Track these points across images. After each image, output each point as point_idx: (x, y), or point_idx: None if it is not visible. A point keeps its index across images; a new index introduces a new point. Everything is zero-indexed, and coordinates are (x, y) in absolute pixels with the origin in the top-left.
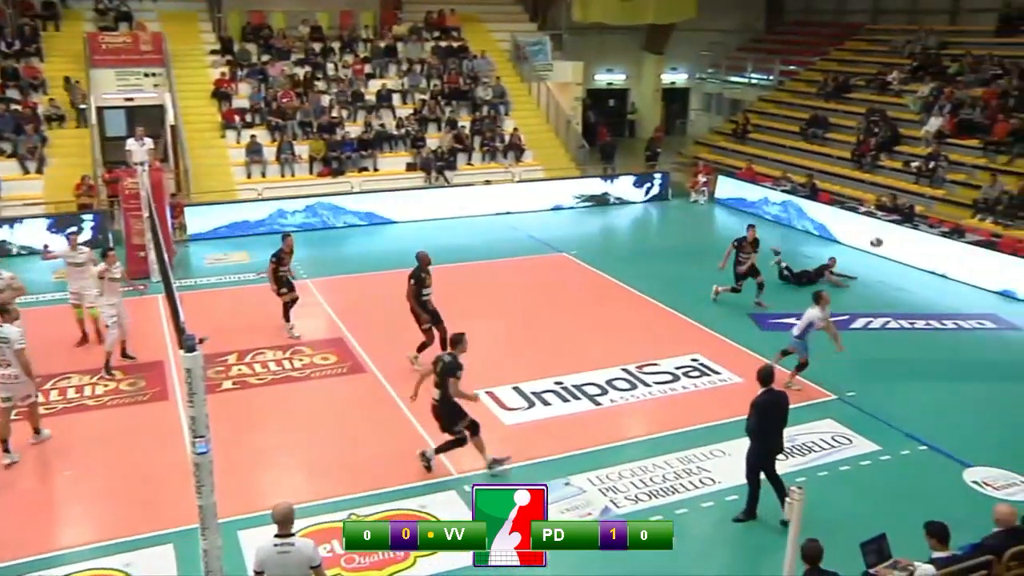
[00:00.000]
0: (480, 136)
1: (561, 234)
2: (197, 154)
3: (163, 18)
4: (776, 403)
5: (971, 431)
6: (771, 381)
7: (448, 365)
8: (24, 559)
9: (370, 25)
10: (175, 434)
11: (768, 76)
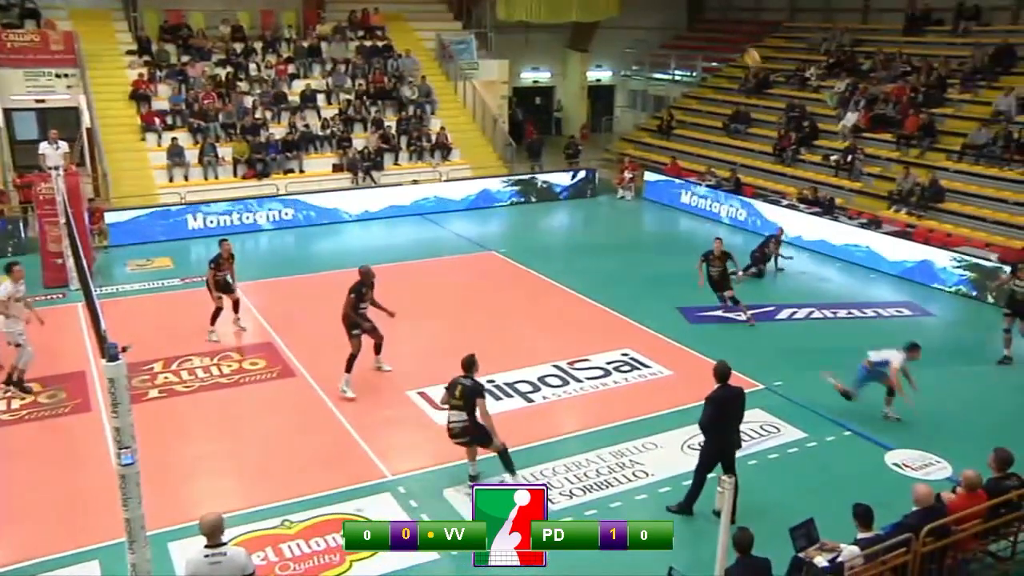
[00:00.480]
0: (407, 136)
1: (489, 232)
2: (116, 157)
3: (74, 16)
4: (733, 398)
5: None
6: (728, 377)
7: (472, 388)
8: None
9: (292, 25)
10: (99, 446)
11: (691, 73)
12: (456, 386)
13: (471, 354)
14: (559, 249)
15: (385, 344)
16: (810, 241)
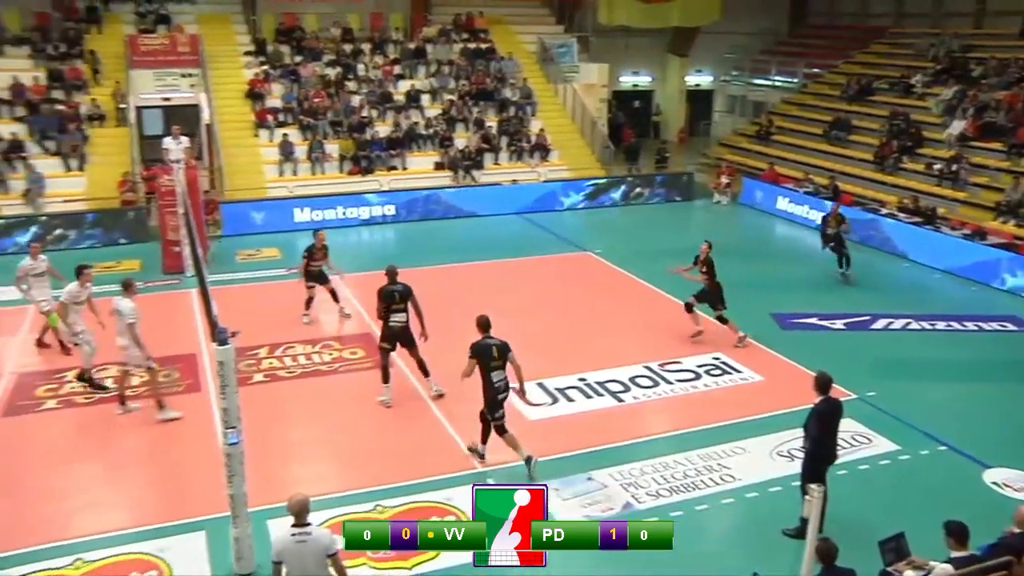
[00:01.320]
0: (507, 136)
1: (585, 233)
2: (231, 152)
3: (200, 20)
4: (836, 411)
5: (992, 432)
6: (830, 388)
7: (505, 344)
8: (60, 542)
9: (400, 27)
10: (207, 425)
11: (792, 78)
12: (491, 348)
13: (485, 315)
14: (653, 251)
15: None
16: (910, 251)
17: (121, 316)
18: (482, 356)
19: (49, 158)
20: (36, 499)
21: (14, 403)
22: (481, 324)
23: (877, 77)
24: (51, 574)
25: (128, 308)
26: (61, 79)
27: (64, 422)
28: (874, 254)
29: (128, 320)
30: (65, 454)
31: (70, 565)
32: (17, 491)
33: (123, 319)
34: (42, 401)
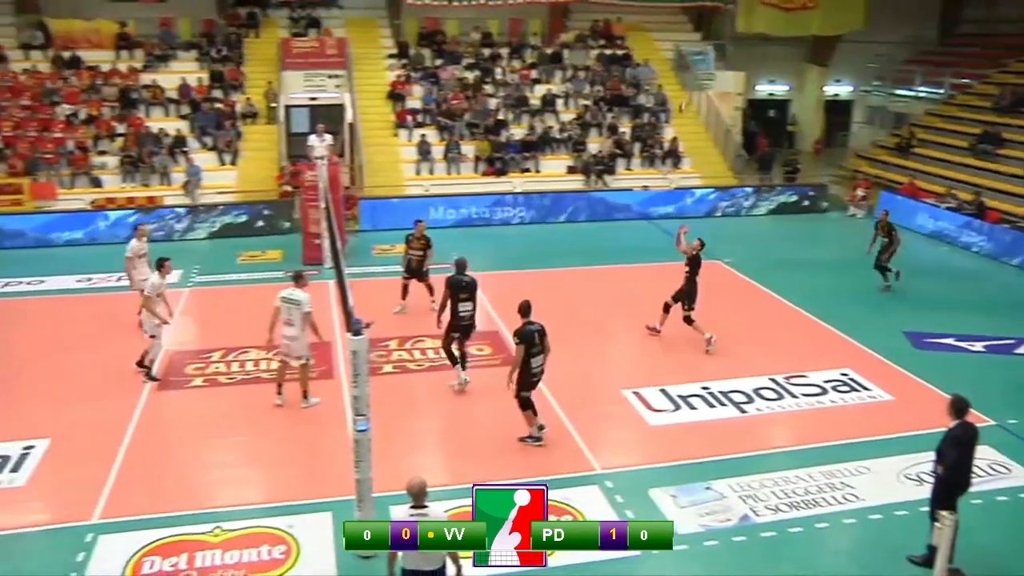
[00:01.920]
0: (640, 142)
1: (715, 241)
2: (371, 151)
3: (348, 24)
4: (973, 437)
5: None
6: (966, 412)
7: (543, 329)
8: (202, 510)
9: (538, 32)
10: (338, 411)
11: (938, 89)
12: (534, 334)
13: (527, 300)
14: (784, 263)
15: (605, 343)
16: None
17: (298, 306)
18: (527, 342)
19: (206, 153)
20: (182, 469)
21: (167, 379)
22: (523, 310)
23: None
24: (192, 538)
25: (305, 298)
26: (221, 80)
27: (209, 400)
28: (1021, 275)
29: (305, 309)
30: (209, 429)
31: (210, 532)
32: (165, 460)
33: (300, 308)
34: (191, 379)
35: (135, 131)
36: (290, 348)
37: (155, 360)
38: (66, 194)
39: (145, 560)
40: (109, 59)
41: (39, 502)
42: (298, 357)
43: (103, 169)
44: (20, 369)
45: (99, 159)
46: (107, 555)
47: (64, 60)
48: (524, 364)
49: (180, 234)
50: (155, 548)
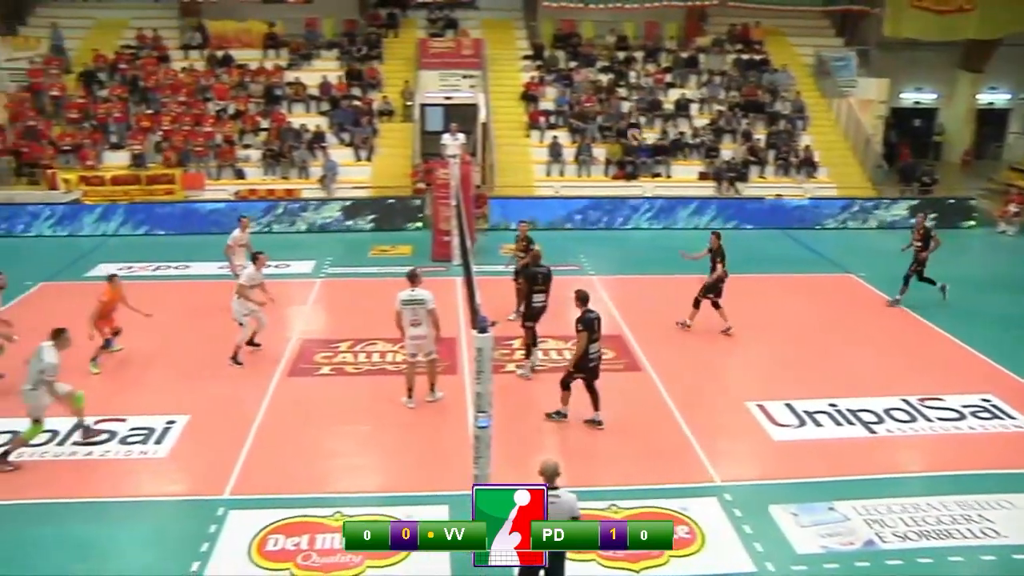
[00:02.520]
0: (775, 150)
1: (848, 254)
2: (503, 151)
3: (484, 25)
4: None
5: None
6: None
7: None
8: (323, 494)
9: (674, 36)
10: (460, 406)
11: None
12: (594, 321)
13: (583, 289)
14: None
15: (729, 353)
16: None
17: (423, 304)
18: (590, 329)
19: (343, 148)
20: (307, 453)
21: (297, 365)
22: (581, 298)
23: None
24: (314, 520)
25: (429, 296)
26: (360, 78)
27: (336, 388)
28: None
29: (429, 307)
30: (334, 417)
31: (330, 516)
32: (292, 444)
33: (424, 306)
34: (320, 366)
35: (278, 126)
36: (419, 347)
37: (240, 346)
38: (213, 185)
39: (270, 537)
40: (257, 58)
41: (178, 473)
42: (427, 353)
43: (247, 162)
44: (166, 349)
45: (243, 152)
46: (236, 529)
47: (217, 59)
48: (583, 350)
49: (315, 226)
50: (280, 527)
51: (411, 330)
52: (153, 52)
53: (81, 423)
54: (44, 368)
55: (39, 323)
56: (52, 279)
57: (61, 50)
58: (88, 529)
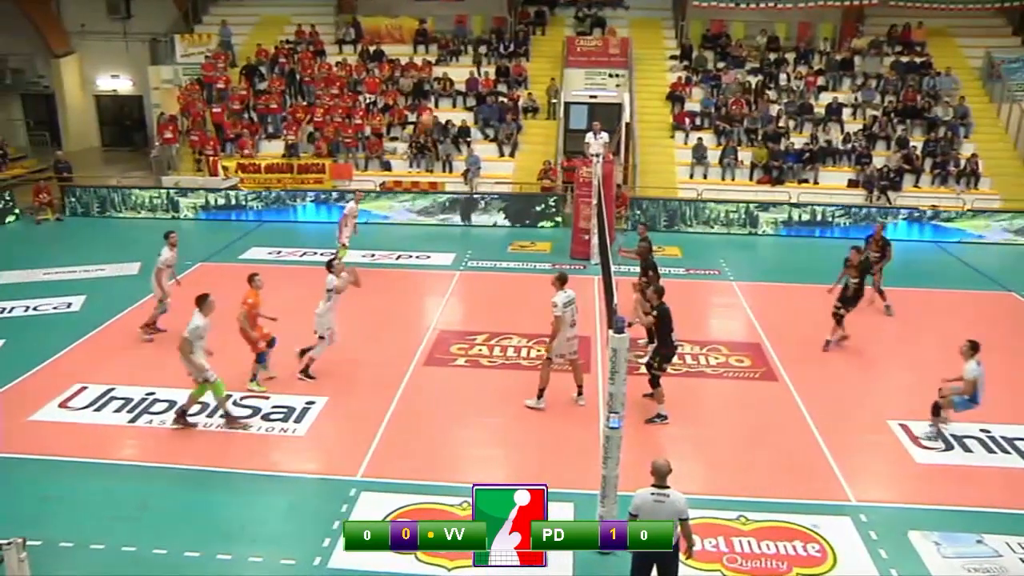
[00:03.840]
0: (932, 158)
1: (1012, 271)
2: (646, 151)
3: (632, 25)
4: None
5: None
6: None
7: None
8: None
9: (829, 37)
10: (591, 406)
11: None
12: (669, 312)
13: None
14: None
15: (872, 368)
16: None
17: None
18: (667, 319)
19: (487, 144)
20: (438, 441)
21: (433, 355)
22: (659, 292)
23: None
24: (441, 508)
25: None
26: (506, 75)
27: (470, 379)
28: None
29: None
30: (466, 408)
31: (458, 505)
32: (424, 431)
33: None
34: (455, 357)
35: (425, 120)
36: (575, 344)
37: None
38: (360, 176)
39: (399, 520)
40: (407, 53)
41: (315, 452)
42: (572, 352)
43: (393, 154)
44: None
45: (391, 145)
46: (366, 509)
47: (369, 54)
48: (666, 339)
49: (454, 220)
50: (408, 511)
51: (570, 330)
52: (310, 47)
53: (224, 410)
54: (191, 329)
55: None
56: (209, 260)
57: (229, 45)
58: (228, 498)
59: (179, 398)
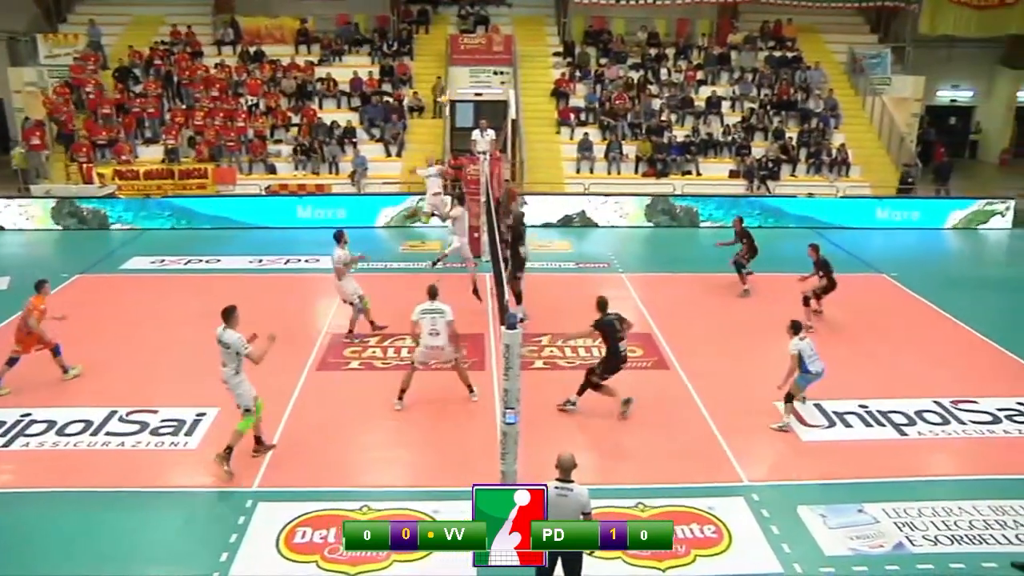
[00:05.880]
0: (806, 148)
1: (880, 254)
2: (532, 147)
3: (515, 22)
4: None
5: None
6: None
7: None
8: (351, 488)
9: (706, 33)
10: (487, 403)
11: None
12: (613, 322)
13: (603, 296)
14: (956, 280)
15: (757, 354)
16: None
17: (443, 315)
18: (608, 330)
19: (374, 144)
20: (335, 447)
21: (327, 360)
22: (600, 305)
23: None
24: (341, 514)
25: (449, 309)
26: (391, 74)
27: (365, 383)
28: None
29: (448, 318)
30: (362, 412)
31: (358, 509)
32: (320, 438)
33: (444, 317)
34: (348, 361)
35: (309, 122)
36: (433, 356)
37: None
38: (244, 179)
39: (298, 529)
40: (289, 53)
41: (208, 465)
42: (445, 361)
43: (278, 157)
44: (198, 342)
45: (275, 147)
46: (264, 521)
47: (250, 55)
48: (612, 349)
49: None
50: (307, 520)
51: (428, 339)
52: (187, 48)
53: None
54: (234, 344)
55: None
56: (88, 272)
57: (99, 46)
58: (120, 517)
59: (58, 418)
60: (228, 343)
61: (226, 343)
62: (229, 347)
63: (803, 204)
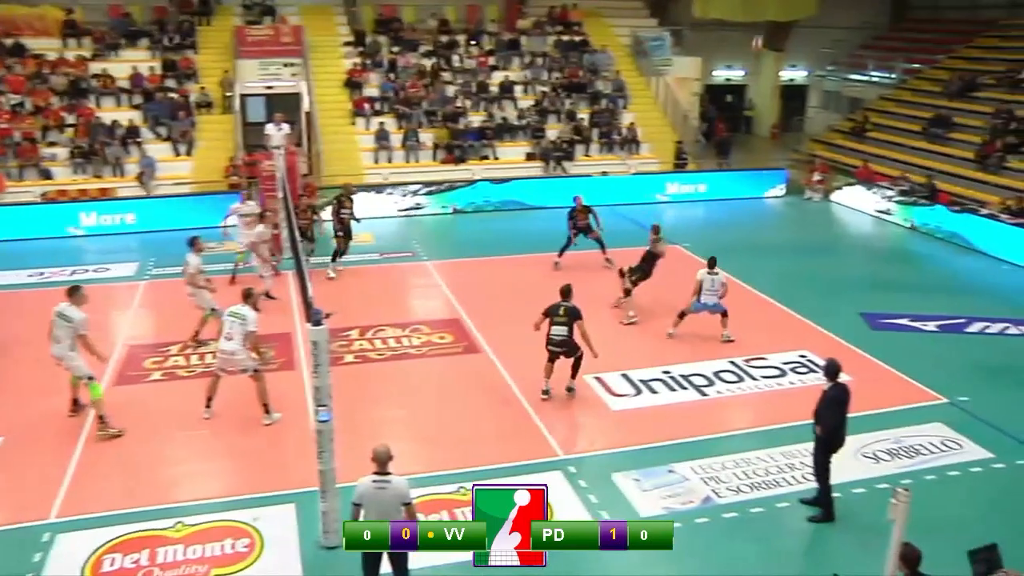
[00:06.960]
0: (598, 128)
1: (674, 227)
2: (329, 139)
3: (303, 12)
4: (846, 397)
5: None
6: (838, 375)
7: (574, 310)
8: (163, 505)
9: (495, 19)
10: (300, 403)
11: (890, 74)
12: (560, 307)
13: (568, 284)
14: (742, 247)
15: None
16: (1013, 255)
17: (244, 322)
18: (550, 314)
19: (161, 143)
20: (141, 464)
21: (125, 373)
22: (563, 292)
23: (982, 72)
24: (154, 534)
25: (253, 317)
26: (174, 69)
27: (169, 393)
28: (973, 256)
29: (250, 328)
30: (169, 424)
31: (171, 527)
32: (124, 456)
33: (246, 326)
34: (150, 372)
35: (86, 122)
36: (227, 362)
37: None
38: (15, 186)
39: (105, 558)
40: (56, 47)
41: None
42: (243, 370)
43: (53, 161)
44: None
45: (48, 150)
46: (65, 554)
47: (7, 48)
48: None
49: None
50: (115, 545)
51: (222, 342)
52: None
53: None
54: (77, 321)
55: None
56: None
57: None
58: None
59: None
60: (71, 318)
61: (69, 317)
62: (71, 322)
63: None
